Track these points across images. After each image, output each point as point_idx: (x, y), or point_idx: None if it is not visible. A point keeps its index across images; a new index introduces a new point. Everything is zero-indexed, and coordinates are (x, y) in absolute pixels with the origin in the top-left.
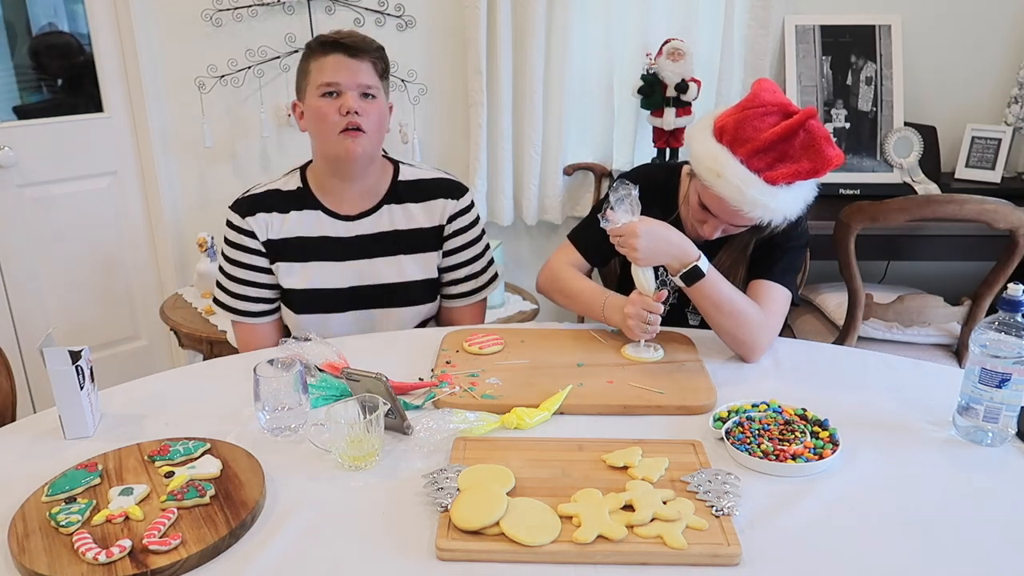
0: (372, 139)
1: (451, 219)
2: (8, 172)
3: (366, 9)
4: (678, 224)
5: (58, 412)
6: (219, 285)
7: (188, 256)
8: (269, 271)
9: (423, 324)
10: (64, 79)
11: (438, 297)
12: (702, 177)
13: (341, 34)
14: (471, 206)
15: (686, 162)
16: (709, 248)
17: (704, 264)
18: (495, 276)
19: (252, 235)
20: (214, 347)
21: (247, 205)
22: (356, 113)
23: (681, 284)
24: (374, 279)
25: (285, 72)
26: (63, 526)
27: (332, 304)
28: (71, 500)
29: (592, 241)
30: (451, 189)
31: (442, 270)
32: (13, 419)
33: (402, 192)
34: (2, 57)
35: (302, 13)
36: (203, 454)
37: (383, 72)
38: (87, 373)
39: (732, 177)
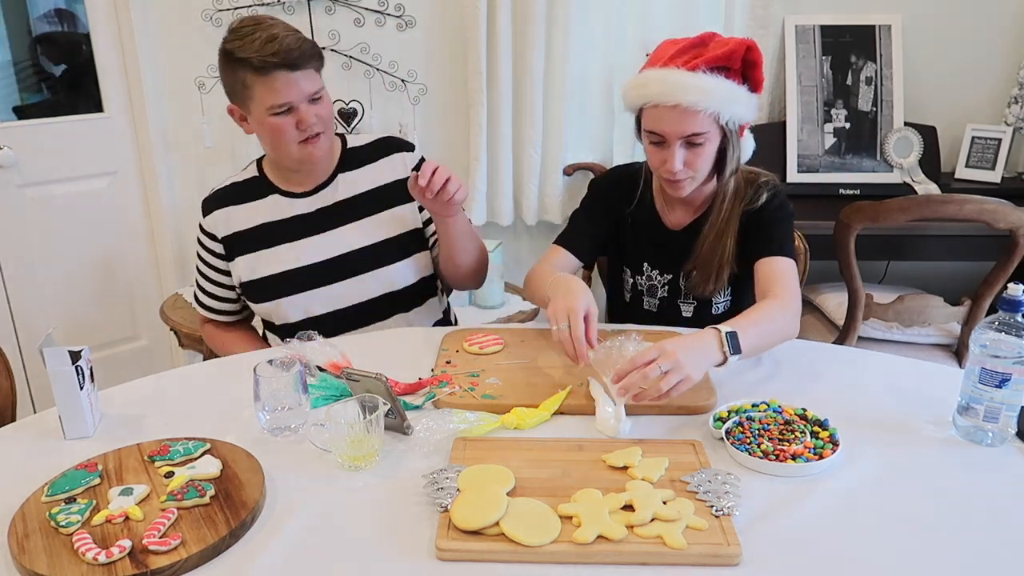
0: (328, 135)
1: (415, 169)
2: (8, 172)
3: (366, 9)
4: (649, 210)
5: (58, 412)
6: (196, 282)
7: (188, 256)
8: (227, 273)
9: (425, 283)
10: (64, 79)
11: (428, 249)
12: (632, 102)
13: (277, 48)
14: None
15: None
16: (693, 228)
17: (727, 329)
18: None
19: (212, 236)
20: None
21: (207, 204)
22: (313, 123)
23: (735, 359)
24: (345, 247)
25: None
26: (63, 526)
27: (312, 281)
28: (71, 500)
29: (580, 236)
30: (400, 144)
31: (425, 222)
32: (13, 419)
33: (353, 158)
34: (2, 57)
35: (302, 13)
36: (203, 454)
37: (320, 66)
38: (87, 373)
39: (654, 80)
